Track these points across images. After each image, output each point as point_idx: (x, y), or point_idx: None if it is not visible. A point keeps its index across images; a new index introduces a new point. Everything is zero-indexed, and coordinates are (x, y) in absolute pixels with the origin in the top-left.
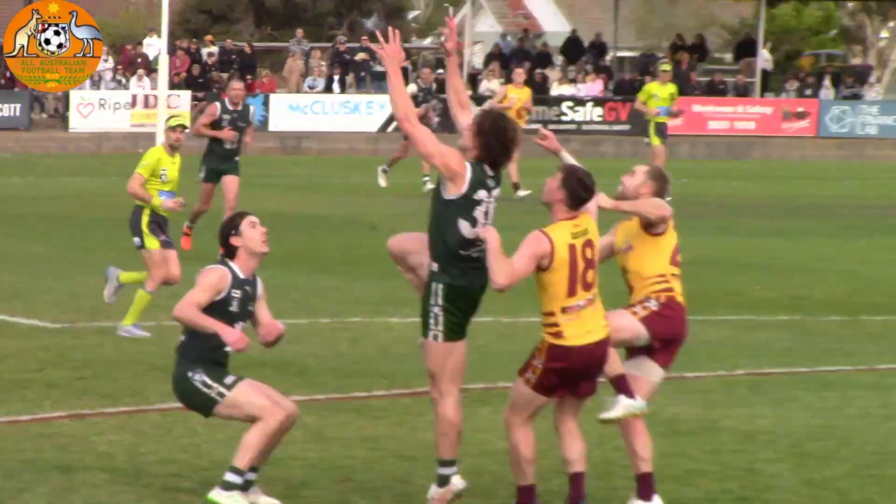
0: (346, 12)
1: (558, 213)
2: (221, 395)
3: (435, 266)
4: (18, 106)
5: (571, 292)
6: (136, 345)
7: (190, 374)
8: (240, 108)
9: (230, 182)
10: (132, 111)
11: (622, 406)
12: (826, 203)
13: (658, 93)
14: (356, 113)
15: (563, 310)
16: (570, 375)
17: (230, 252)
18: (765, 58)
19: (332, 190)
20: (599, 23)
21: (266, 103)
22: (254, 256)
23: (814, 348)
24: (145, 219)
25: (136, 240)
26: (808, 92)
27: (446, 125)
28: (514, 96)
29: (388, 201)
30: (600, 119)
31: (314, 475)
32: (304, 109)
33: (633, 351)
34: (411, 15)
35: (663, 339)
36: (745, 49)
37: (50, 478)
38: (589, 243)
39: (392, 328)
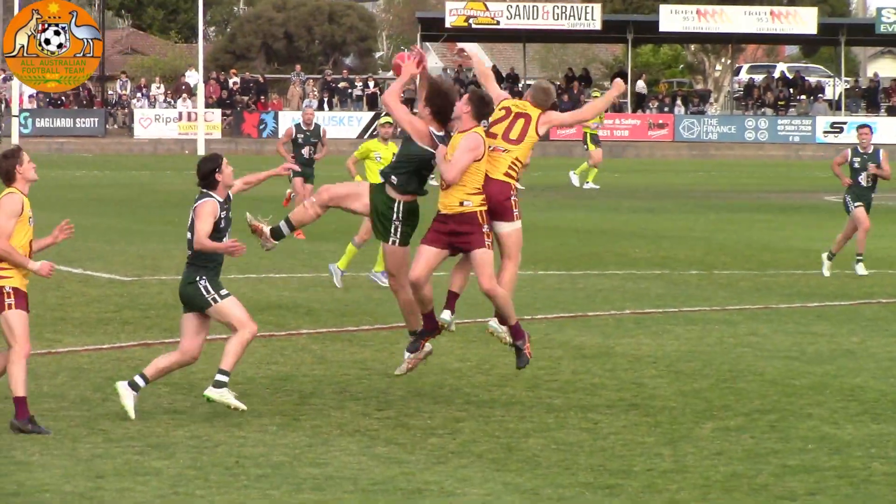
0: (331, 52)
1: (466, 123)
2: (216, 300)
3: (395, 180)
4: (96, 119)
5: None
6: None
7: (197, 278)
8: (312, 127)
9: (298, 183)
10: (179, 123)
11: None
12: (683, 189)
13: None
14: (341, 124)
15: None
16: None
17: (212, 185)
18: (640, 85)
19: (325, 179)
20: (512, 59)
21: (276, 118)
22: (227, 188)
23: (680, 294)
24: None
25: None
26: (666, 109)
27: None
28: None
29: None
30: None
31: (319, 388)
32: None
33: None
34: (378, 54)
35: None
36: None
37: None
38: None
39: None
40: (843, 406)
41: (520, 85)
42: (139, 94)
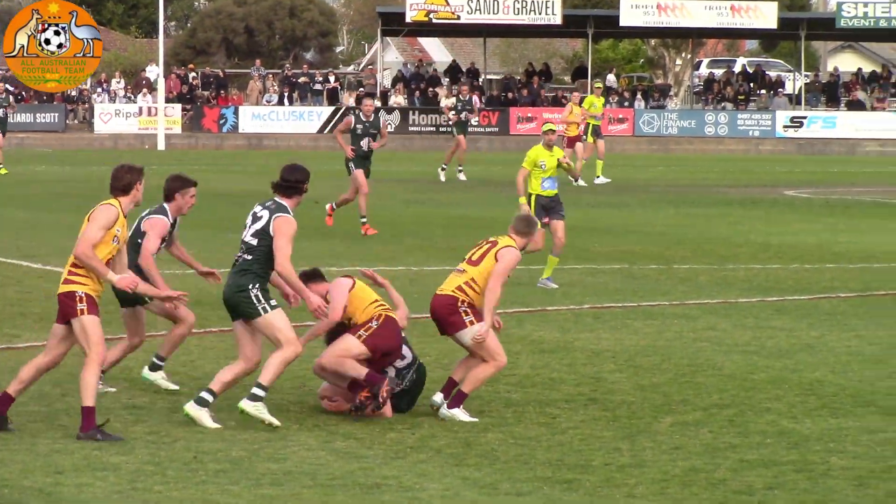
0: (292, 47)
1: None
2: (265, 311)
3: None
4: (56, 114)
5: None
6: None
7: (251, 286)
8: (371, 118)
9: (360, 175)
10: (139, 118)
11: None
12: (642, 184)
13: (597, 103)
14: (301, 119)
15: None
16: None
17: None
18: (611, 79)
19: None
20: (473, 54)
21: (236, 113)
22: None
23: (639, 288)
24: (533, 203)
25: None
26: (626, 103)
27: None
28: (578, 113)
29: (326, 182)
30: (477, 123)
31: (278, 383)
32: (263, 117)
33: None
34: (338, 49)
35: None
36: (579, 73)
37: None
38: None
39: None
40: (802, 400)
41: (480, 79)
42: (99, 90)
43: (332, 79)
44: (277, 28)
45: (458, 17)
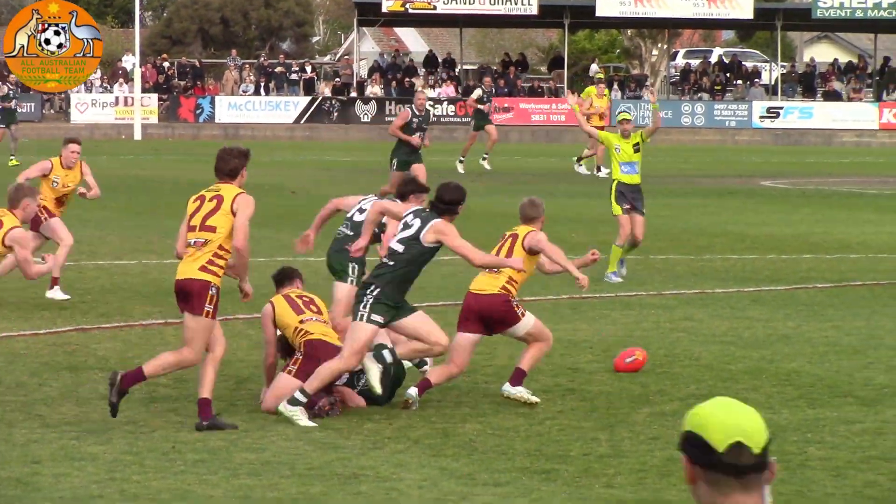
0: (268, 37)
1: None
2: (362, 318)
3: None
4: (33, 104)
5: None
6: (123, 277)
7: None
8: (423, 113)
9: (419, 168)
10: (115, 108)
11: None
12: None
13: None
14: (277, 109)
15: None
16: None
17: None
18: (594, 69)
19: (262, 165)
20: (449, 45)
21: (213, 103)
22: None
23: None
24: (613, 188)
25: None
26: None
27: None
28: (598, 105)
29: (303, 173)
30: (453, 114)
31: (256, 373)
32: (239, 107)
33: None
34: (314, 39)
35: None
36: (556, 63)
37: (62, 375)
38: None
39: (310, 265)
40: (779, 391)
41: (456, 69)
42: None
43: (308, 69)
44: (253, 18)
45: (434, 7)
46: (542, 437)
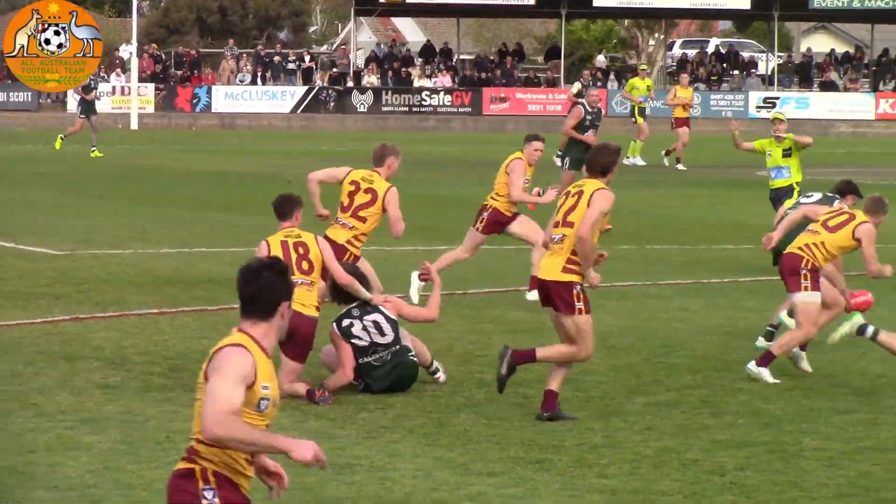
0: (265, 27)
1: None
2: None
3: None
4: (29, 93)
5: None
6: (118, 266)
7: None
8: (596, 110)
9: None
10: (112, 97)
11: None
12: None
13: (639, 85)
14: (274, 99)
15: None
16: None
17: None
18: (602, 60)
19: (258, 154)
20: (446, 34)
21: (210, 93)
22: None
23: (612, 269)
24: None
25: None
26: (599, 84)
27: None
28: (682, 96)
29: (299, 162)
30: (450, 104)
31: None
32: (236, 97)
33: None
34: (312, 29)
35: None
36: (552, 53)
37: (58, 364)
38: None
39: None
40: (774, 381)
41: (453, 59)
42: None
43: (305, 59)
44: (251, 7)
45: None
46: (537, 426)
